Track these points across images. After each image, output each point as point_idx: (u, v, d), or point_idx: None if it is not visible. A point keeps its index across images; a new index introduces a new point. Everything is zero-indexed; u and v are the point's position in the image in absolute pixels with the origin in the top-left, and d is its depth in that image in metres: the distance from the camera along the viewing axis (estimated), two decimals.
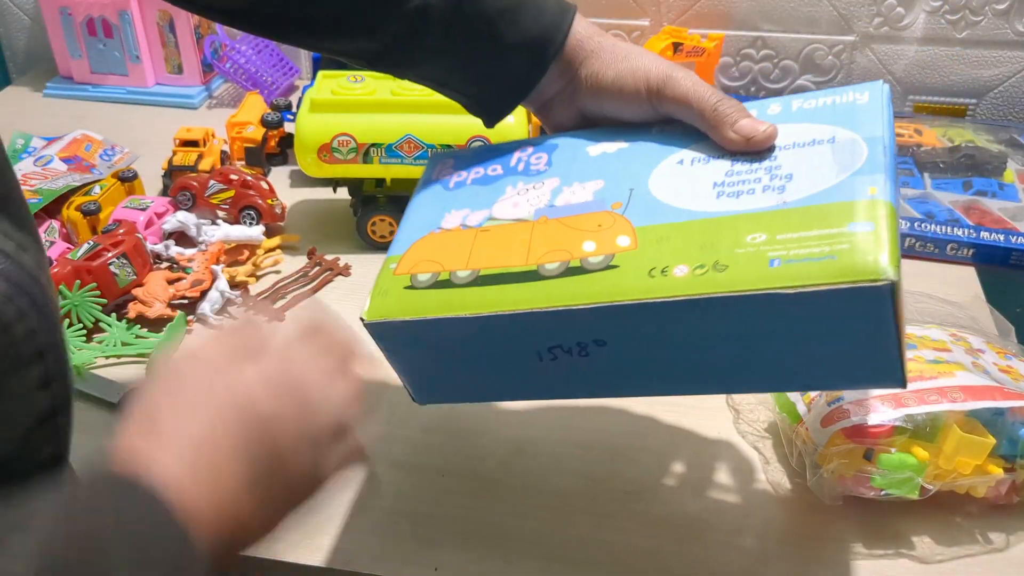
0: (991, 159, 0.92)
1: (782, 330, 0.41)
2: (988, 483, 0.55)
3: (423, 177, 0.56)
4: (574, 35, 0.53)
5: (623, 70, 0.52)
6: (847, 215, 0.41)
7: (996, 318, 0.73)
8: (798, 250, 0.40)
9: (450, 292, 0.47)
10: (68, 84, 1.16)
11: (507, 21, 0.52)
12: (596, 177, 0.50)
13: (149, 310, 0.73)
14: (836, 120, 0.46)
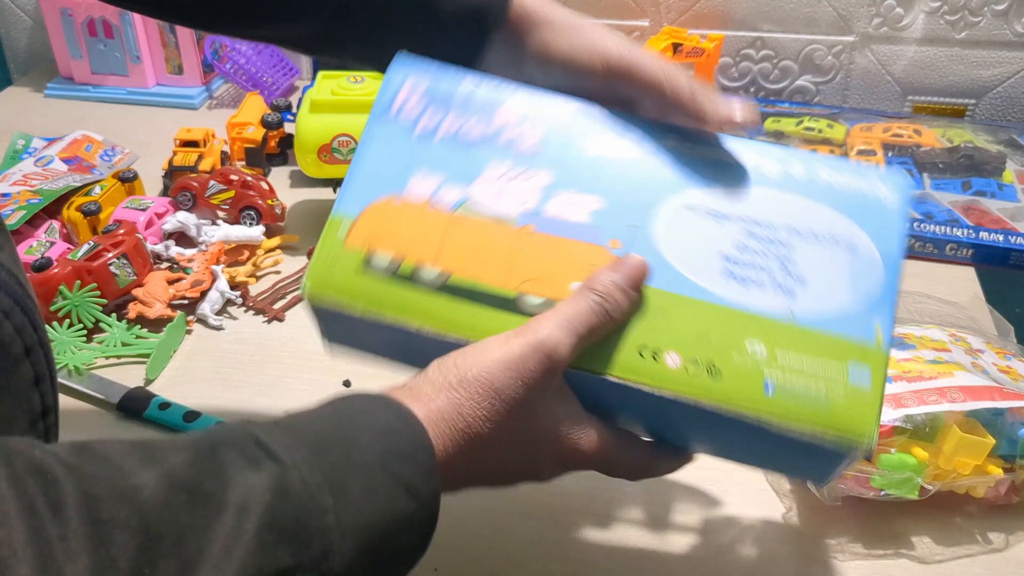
0: (990, 159, 0.92)
1: (758, 437, 0.41)
2: (987, 483, 0.55)
3: (383, 92, 0.48)
4: (520, 3, 0.49)
5: (578, 44, 0.48)
6: (850, 353, 0.41)
7: (995, 318, 0.73)
8: (795, 379, 0.40)
9: (412, 292, 0.43)
10: (69, 84, 1.16)
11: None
12: (595, 191, 0.45)
13: (149, 310, 0.74)
14: (859, 216, 0.44)
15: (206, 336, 0.74)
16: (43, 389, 0.39)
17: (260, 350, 0.72)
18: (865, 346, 0.41)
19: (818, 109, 1.04)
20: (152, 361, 0.68)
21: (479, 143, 0.46)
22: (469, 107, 0.47)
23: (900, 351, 0.59)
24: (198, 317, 0.75)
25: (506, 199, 0.45)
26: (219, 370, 0.70)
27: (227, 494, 0.30)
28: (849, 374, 0.40)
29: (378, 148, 0.47)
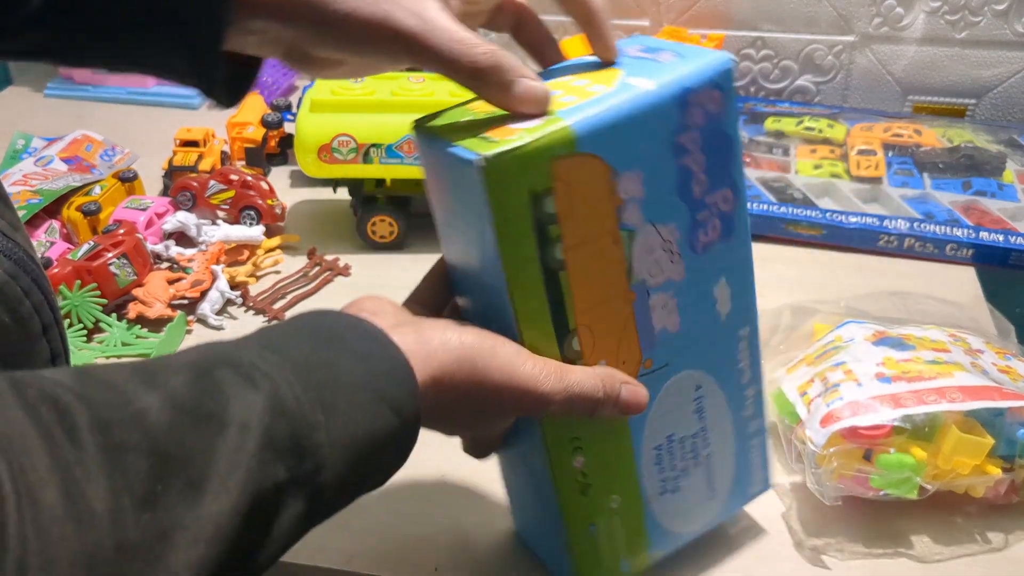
0: (990, 159, 0.92)
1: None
2: (987, 483, 0.55)
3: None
4: None
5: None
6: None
7: (996, 318, 0.73)
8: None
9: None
10: (69, 84, 1.16)
11: None
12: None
13: (149, 310, 0.74)
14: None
15: (206, 336, 0.74)
16: (59, 366, 0.39)
17: None
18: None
19: (818, 109, 1.04)
20: None
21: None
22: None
23: (899, 351, 0.59)
24: (198, 317, 0.75)
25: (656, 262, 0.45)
26: None
27: (228, 413, 0.32)
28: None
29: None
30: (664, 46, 0.46)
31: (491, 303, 0.43)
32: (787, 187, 0.90)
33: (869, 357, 0.59)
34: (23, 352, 0.38)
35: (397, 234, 0.84)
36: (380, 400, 0.36)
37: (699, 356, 0.48)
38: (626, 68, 0.44)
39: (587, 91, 0.42)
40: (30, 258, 0.39)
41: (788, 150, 0.97)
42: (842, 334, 0.63)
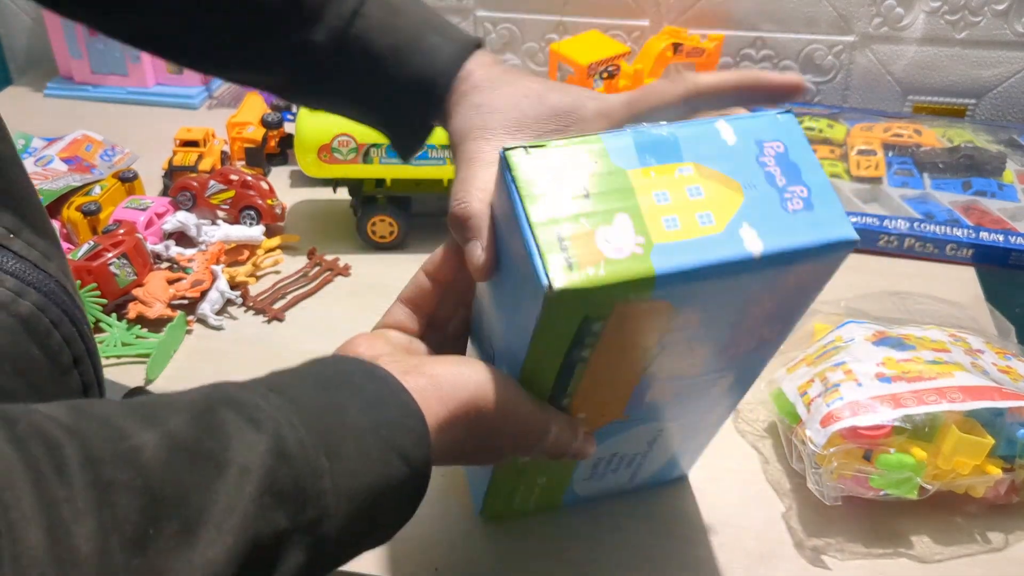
0: (990, 159, 0.92)
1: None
2: (987, 483, 0.55)
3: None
4: (466, 71, 0.49)
5: (510, 93, 0.47)
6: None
7: (996, 318, 0.73)
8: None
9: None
10: (68, 84, 1.16)
11: (397, 60, 0.49)
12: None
13: (149, 310, 0.74)
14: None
15: (206, 336, 0.74)
16: (91, 398, 0.39)
17: (260, 350, 0.72)
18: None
19: (818, 109, 1.04)
20: (152, 361, 0.68)
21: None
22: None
23: (900, 352, 0.59)
24: (198, 317, 0.75)
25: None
26: (219, 370, 0.70)
27: (228, 454, 0.30)
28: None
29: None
30: (803, 169, 0.40)
31: (503, 351, 0.43)
32: None
33: (869, 357, 0.59)
34: (53, 384, 0.37)
35: (397, 234, 0.84)
36: (389, 447, 0.35)
37: (676, 414, 0.49)
38: (748, 201, 0.38)
39: (694, 222, 0.37)
40: (62, 289, 0.39)
41: None
42: (842, 334, 0.63)
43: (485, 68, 0.49)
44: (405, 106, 0.50)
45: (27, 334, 0.36)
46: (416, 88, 0.49)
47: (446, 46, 0.49)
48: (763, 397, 0.63)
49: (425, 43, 0.49)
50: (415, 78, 0.49)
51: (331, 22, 0.48)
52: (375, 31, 0.49)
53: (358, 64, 0.49)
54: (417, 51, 0.49)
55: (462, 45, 0.49)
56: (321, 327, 0.75)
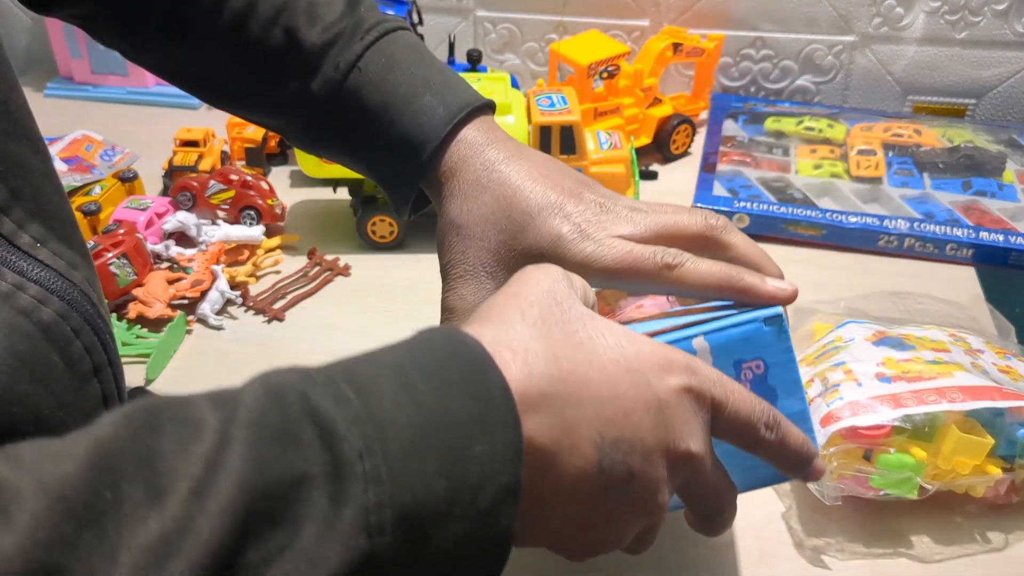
0: (990, 159, 0.92)
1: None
2: (987, 483, 0.55)
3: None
4: (459, 141, 0.46)
5: (480, 204, 0.44)
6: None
7: (996, 318, 0.73)
8: None
9: None
10: (68, 84, 1.16)
11: (388, 119, 0.47)
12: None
13: (149, 310, 0.74)
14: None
15: (206, 336, 0.74)
16: (111, 408, 0.39)
17: (260, 350, 0.72)
18: None
19: (818, 109, 1.04)
20: (152, 361, 0.68)
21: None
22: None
23: (899, 352, 0.59)
24: (198, 317, 0.75)
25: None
26: (219, 370, 0.70)
27: (202, 414, 0.27)
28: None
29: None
30: (780, 395, 0.41)
31: None
32: (787, 187, 0.90)
33: (869, 357, 0.59)
34: (73, 392, 0.37)
35: (397, 234, 0.84)
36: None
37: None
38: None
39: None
40: (86, 298, 0.39)
41: (788, 150, 0.97)
42: (842, 334, 0.63)
43: (473, 151, 0.46)
44: (395, 167, 0.49)
45: (48, 342, 0.36)
46: (404, 150, 0.47)
47: (439, 108, 0.47)
48: None
49: (417, 103, 0.47)
50: (402, 139, 0.47)
51: (328, 73, 0.48)
52: (370, 86, 0.47)
53: (351, 119, 0.48)
54: (407, 111, 0.47)
55: (456, 108, 0.47)
56: (321, 327, 0.75)
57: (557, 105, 0.83)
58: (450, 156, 0.46)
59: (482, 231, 0.44)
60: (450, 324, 0.43)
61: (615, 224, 0.43)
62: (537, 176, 0.45)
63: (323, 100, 0.48)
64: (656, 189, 0.95)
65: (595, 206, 0.44)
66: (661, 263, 0.42)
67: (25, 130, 0.39)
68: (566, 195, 0.44)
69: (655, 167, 0.98)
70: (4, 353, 0.33)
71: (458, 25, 1.11)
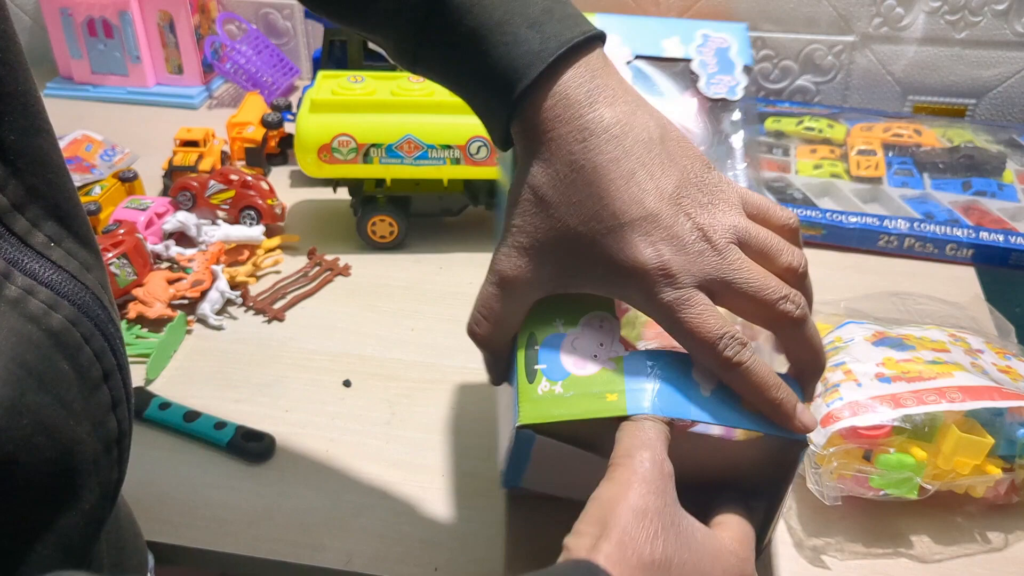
0: (990, 159, 0.92)
1: None
2: (987, 483, 0.55)
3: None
4: (556, 92, 0.41)
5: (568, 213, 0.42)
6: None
7: (996, 318, 0.73)
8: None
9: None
10: (68, 84, 1.16)
11: (481, 47, 0.42)
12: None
13: (149, 310, 0.74)
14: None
15: (206, 336, 0.74)
16: (120, 414, 0.39)
17: (260, 350, 0.72)
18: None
19: (818, 109, 1.04)
20: (152, 361, 0.68)
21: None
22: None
23: (899, 352, 0.59)
24: (198, 317, 0.75)
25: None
26: (219, 370, 0.70)
27: None
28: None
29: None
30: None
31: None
32: (787, 187, 0.90)
33: (869, 357, 0.59)
34: (82, 399, 0.37)
35: (397, 234, 0.84)
36: None
37: None
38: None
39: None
40: (97, 302, 0.38)
41: (788, 150, 0.97)
42: (842, 334, 0.63)
43: (570, 110, 0.41)
44: (486, 99, 0.44)
45: (57, 348, 0.35)
46: (496, 84, 0.42)
47: (534, 41, 0.41)
48: None
49: (512, 32, 0.41)
50: (495, 72, 0.42)
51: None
52: (465, 6, 0.42)
53: (444, 40, 0.43)
54: (500, 41, 0.41)
55: (555, 45, 0.41)
56: (321, 327, 0.75)
57: None
58: (545, 108, 0.41)
59: (565, 215, 0.41)
60: (501, 292, 0.44)
61: (704, 268, 0.40)
62: (639, 171, 0.40)
63: (418, 17, 0.43)
64: None
65: (692, 232, 0.40)
66: (724, 355, 0.40)
67: (43, 123, 0.38)
68: (665, 203, 0.40)
69: None
70: (11, 363, 0.33)
71: None
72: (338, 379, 0.69)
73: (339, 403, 0.67)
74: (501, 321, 0.44)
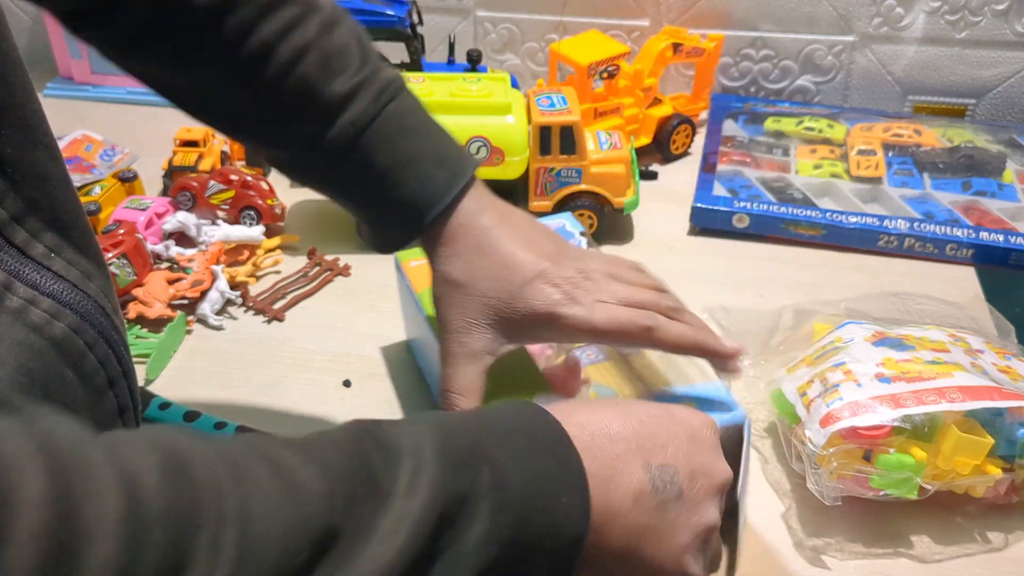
0: (990, 159, 0.92)
1: None
2: (987, 483, 0.55)
3: None
4: (460, 209, 0.52)
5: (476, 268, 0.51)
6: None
7: (996, 318, 0.73)
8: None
9: None
10: (68, 84, 1.16)
11: (394, 180, 0.51)
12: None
13: (149, 310, 0.74)
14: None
15: (206, 336, 0.74)
16: (126, 420, 0.39)
17: (260, 350, 0.72)
18: None
19: (818, 109, 1.04)
20: (152, 361, 0.68)
21: None
22: None
23: (899, 352, 0.59)
24: (198, 317, 0.75)
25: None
26: (219, 370, 0.70)
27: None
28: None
29: None
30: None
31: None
32: (787, 187, 0.90)
33: (869, 357, 0.59)
34: (88, 407, 0.37)
35: None
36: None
37: None
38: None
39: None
40: (100, 310, 0.39)
41: (788, 150, 0.97)
42: (842, 335, 0.63)
43: (470, 219, 0.52)
44: (393, 222, 0.54)
45: (60, 357, 0.36)
46: (407, 210, 0.52)
47: (442, 175, 0.52)
48: (763, 397, 0.63)
49: (423, 170, 0.52)
50: (407, 200, 0.52)
51: (342, 128, 0.50)
52: (381, 146, 0.51)
53: (358, 172, 0.52)
54: (413, 177, 0.51)
55: (458, 179, 0.52)
56: (321, 327, 0.75)
57: (557, 105, 0.83)
58: (451, 222, 0.52)
59: (483, 290, 0.51)
60: (453, 400, 0.51)
61: (597, 291, 0.51)
62: (526, 243, 0.52)
63: (334, 150, 0.51)
64: (656, 189, 0.95)
65: (577, 274, 0.51)
66: (642, 325, 0.50)
67: (42, 136, 0.39)
68: (551, 261, 0.51)
69: (655, 167, 0.98)
70: (16, 373, 0.33)
71: (458, 25, 1.11)
72: (338, 379, 0.69)
73: (339, 403, 0.67)
74: (468, 390, 0.51)
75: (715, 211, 0.86)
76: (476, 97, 0.80)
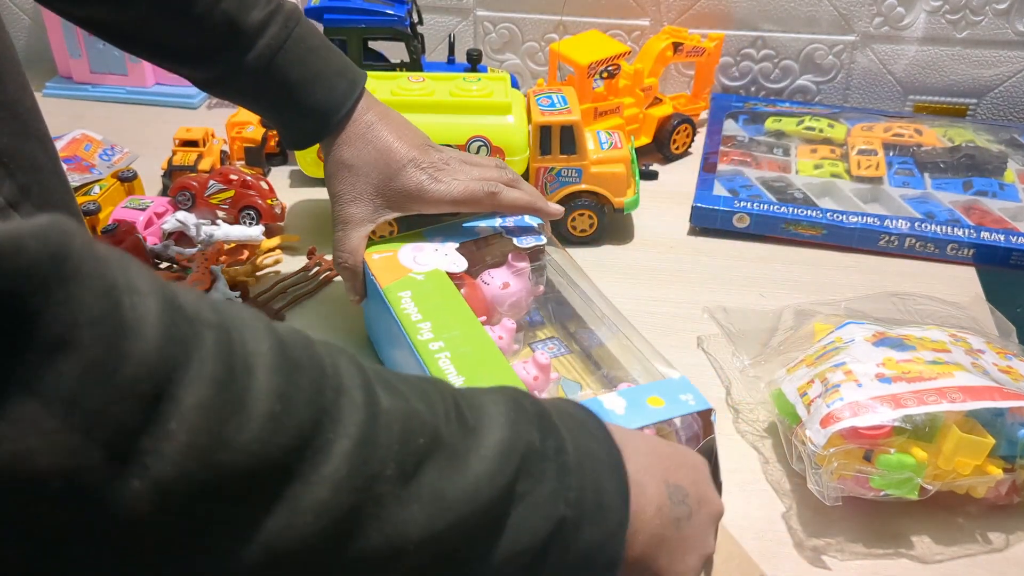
0: (991, 159, 0.92)
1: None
2: (988, 483, 0.55)
3: None
4: (358, 112, 0.65)
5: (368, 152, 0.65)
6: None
7: (997, 318, 0.73)
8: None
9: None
10: (68, 84, 1.16)
11: (304, 90, 0.64)
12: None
13: None
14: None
15: None
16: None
17: None
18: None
19: (819, 108, 1.04)
20: None
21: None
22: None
23: (900, 352, 0.59)
24: None
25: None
26: None
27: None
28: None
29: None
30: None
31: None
32: (787, 187, 0.90)
33: (869, 358, 0.58)
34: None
35: (396, 234, 0.84)
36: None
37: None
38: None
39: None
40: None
41: (788, 150, 0.97)
42: (842, 335, 0.63)
43: (359, 115, 0.65)
44: (303, 125, 0.66)
45: None
46: (316, 115, 0.65)
47: (343, 86, 0.65)
48: (763, 398, 0.63)
49: (328, 81, 0.64)
50: (316, 107, 0.64)
51: (261, 51, 0.62)
52: (293, 64, 0.63)
53: (274, 85, 0.63)
54: (320, 87, 0.64)
55: (355, 87, 0.65)
56: (321, 327, 0.75)
57: (557, 105, 0.82)
58: (349, 121, 0.65)
59: (367, 171, 0.64)
60: (345, 260, 0.66)
61: (455, 173, 0.66)
62: (401, 136, 0.66)
63: (252, 70, 0.62)
64: (656, 189, 0.95)
65: (440, 161, 0.65)
66: (488, 191, 0.65)
67: (34, 129, 0.41)
68: (420, 151, 0.65)
69: (655, 167, 0.98)
70: None
71: (458, 25, 1.11)
72: None
73: None
74: (354, 251, 0.65)
75: (715, 211, 0.86)
76: (476, 97, 0.80)
